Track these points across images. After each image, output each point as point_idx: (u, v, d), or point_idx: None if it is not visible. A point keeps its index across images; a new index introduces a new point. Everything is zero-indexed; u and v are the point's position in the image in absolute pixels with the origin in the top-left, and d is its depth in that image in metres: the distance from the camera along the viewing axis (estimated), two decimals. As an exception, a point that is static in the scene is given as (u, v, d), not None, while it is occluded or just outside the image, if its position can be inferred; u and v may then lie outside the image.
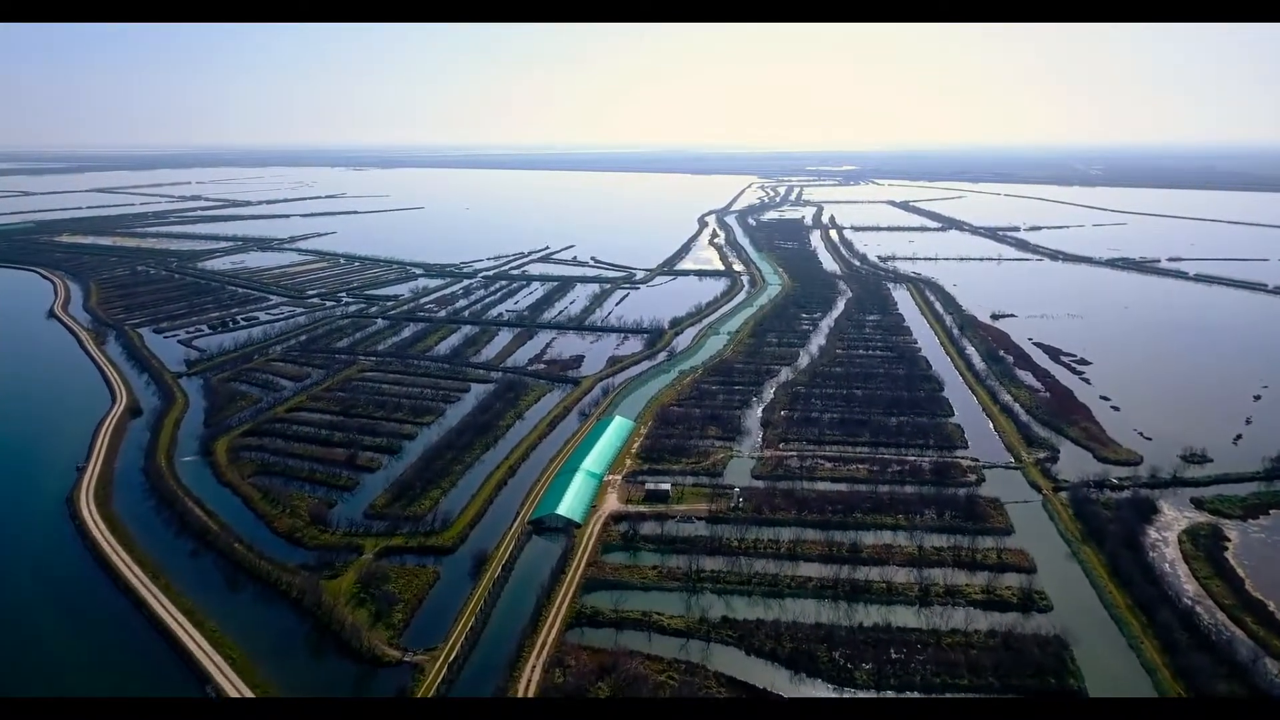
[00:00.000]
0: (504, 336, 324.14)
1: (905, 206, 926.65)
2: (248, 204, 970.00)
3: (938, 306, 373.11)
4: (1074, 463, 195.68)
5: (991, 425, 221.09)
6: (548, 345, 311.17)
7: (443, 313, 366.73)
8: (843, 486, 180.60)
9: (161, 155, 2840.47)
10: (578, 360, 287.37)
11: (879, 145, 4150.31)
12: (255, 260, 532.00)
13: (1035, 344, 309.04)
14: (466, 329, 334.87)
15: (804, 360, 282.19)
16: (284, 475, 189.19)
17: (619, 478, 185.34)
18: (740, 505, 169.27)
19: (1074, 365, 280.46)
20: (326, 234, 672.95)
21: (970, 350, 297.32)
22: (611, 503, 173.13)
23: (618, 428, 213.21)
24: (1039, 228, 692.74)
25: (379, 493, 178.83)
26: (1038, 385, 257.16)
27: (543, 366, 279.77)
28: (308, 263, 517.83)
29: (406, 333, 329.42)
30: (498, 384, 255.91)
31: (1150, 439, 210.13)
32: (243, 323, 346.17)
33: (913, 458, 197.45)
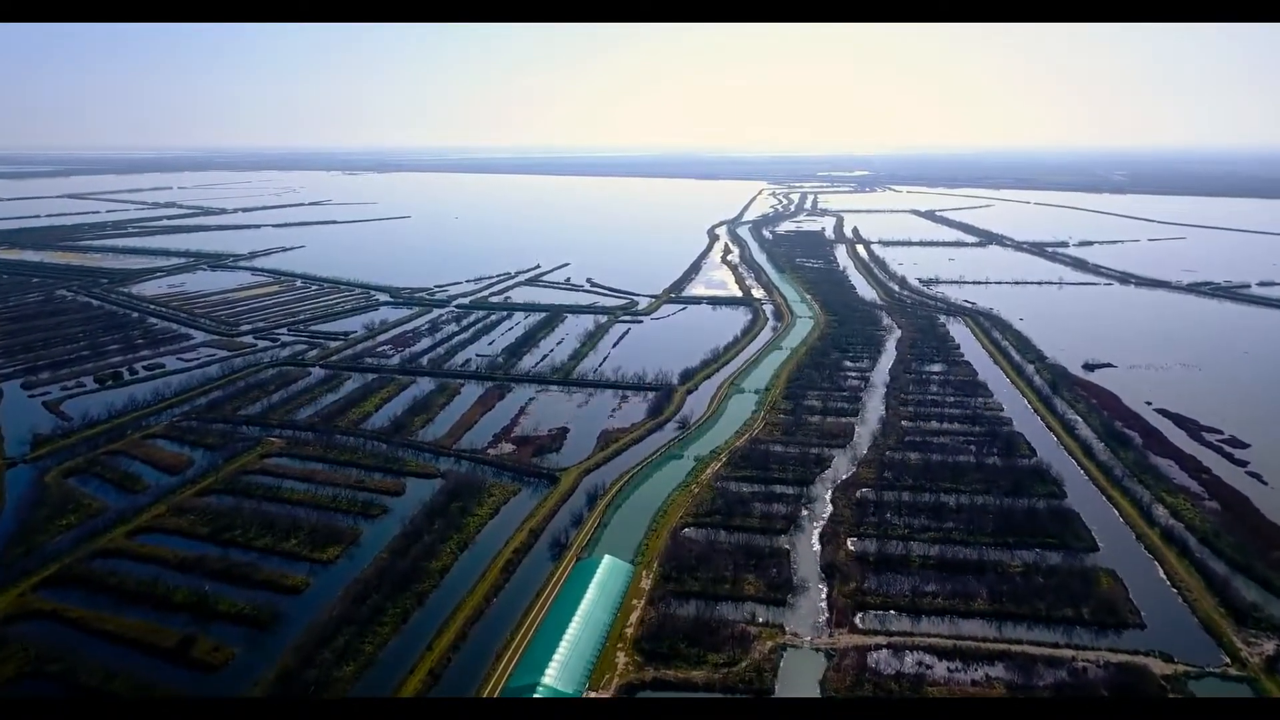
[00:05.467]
0: (468, 394, 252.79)
1: (932, 216, 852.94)
2: (221, 212, 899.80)
3: (1012, 353, 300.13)
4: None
5: (1161, 572, 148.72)
6: (523, 409, 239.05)
7: (397, 357, 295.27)
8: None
9: (159, 158, 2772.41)
10: (559, 436, 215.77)
11: (885, 148, 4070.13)
12: (200, 281, 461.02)
13: (1158, 411, 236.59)
14: (422, 382, 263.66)
15: (862, 438, 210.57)
16: (63, 680, 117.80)
17: (606, 698, 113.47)
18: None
19: (1227, 449, 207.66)
20: (293, 248, 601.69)
21: (1078, 424, 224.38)
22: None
23: (606, 581, 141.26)
24: (1090, 242, 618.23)
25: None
26: (1194, 486, 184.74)
27: (511, 448, 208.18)
28: (258, 285, 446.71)
29: (345, 389, 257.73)
30: (445, 481, 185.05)
31: None
32: (142, 372, 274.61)
33: (1068, 652, 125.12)
